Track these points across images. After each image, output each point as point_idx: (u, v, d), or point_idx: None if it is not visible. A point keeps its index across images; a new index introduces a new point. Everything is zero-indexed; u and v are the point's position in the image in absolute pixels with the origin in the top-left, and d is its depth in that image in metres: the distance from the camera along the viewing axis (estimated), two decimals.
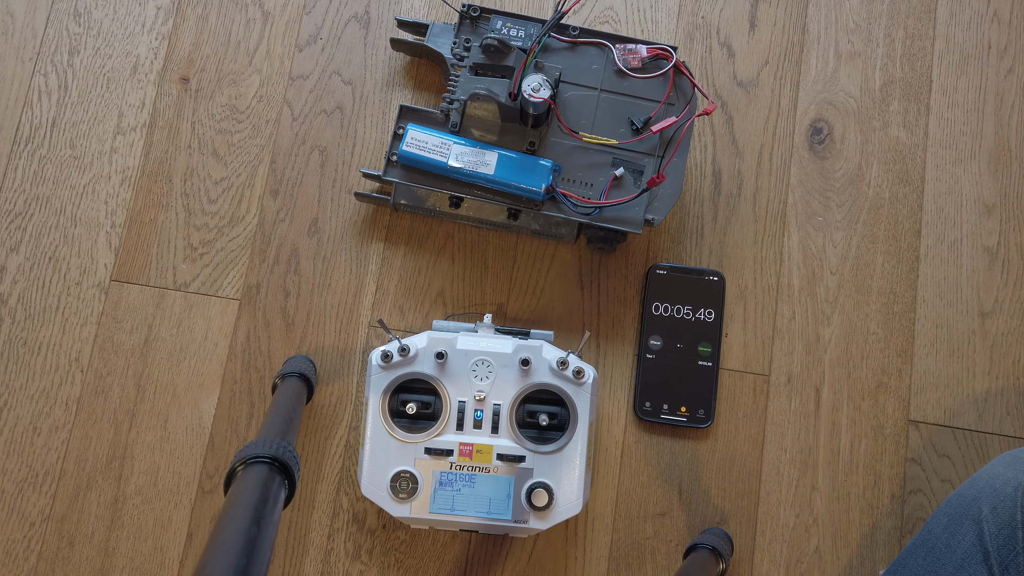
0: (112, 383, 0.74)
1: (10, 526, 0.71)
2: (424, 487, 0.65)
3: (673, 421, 0.74)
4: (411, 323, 0.76)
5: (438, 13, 0.81)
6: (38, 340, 0.74)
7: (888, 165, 0.80)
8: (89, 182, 0.77)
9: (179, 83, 0.79)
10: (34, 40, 0.79)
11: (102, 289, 0.75)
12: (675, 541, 0.73)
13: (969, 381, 0.76)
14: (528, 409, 0.67)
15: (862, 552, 0.73)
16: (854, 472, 0.74)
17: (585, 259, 0.77)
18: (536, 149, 0.71)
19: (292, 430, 0.59)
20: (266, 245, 0.76)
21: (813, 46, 0.82)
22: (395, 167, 0.72)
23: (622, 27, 0.82)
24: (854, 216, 0.79)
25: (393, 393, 0.66)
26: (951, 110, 0.81)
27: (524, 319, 0.76)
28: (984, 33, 0.83)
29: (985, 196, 0.80)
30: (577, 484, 0.66)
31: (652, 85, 0.72)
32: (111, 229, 0.76)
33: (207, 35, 0.80)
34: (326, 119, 0.79)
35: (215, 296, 0.75)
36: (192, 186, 0.77)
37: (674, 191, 0.71)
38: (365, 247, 0.77)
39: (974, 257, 0.78)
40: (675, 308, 0.75)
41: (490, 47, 0.68)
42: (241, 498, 0.46)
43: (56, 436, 0.73)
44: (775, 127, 0.80)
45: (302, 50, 0.80)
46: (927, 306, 0.77)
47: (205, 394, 0.74)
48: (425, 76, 0.80)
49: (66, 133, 0.78)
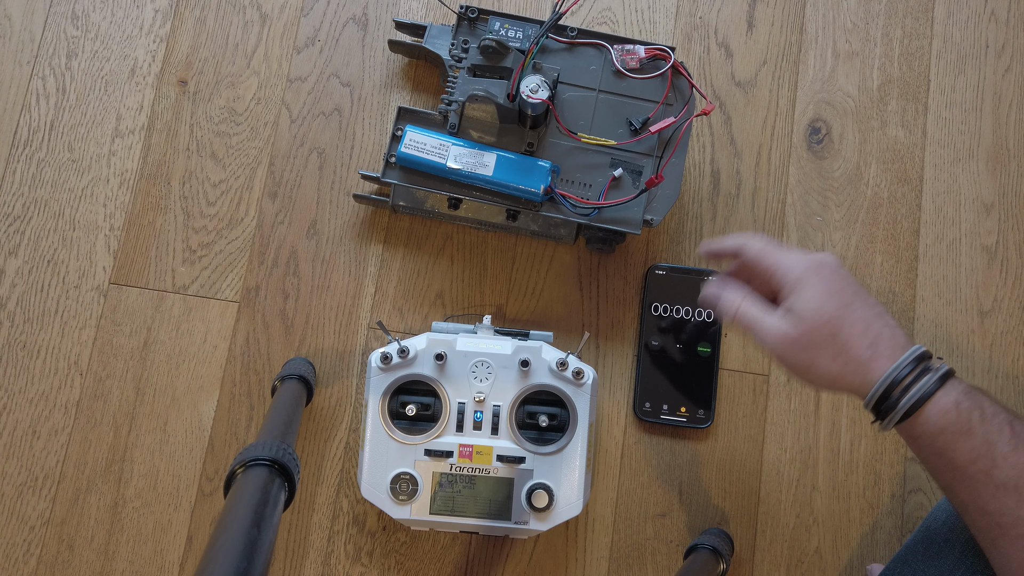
0: (111, 386, 0.74)
1: (10, 530, 0.71)
2: (424, 489, 0.65)
3: (673, 421, 0.74)
4: (410, 325, 0.76)
5: (436, 15, 0.81)
6: (37, 343, 0.74)
7: (886, 165, 0.80)
8: (87, 185, 0.77)
9: (177, 86, 0.79)
10: (32, 43, 0.79)
11: (101, 292, 0.75)
12: (675, 542, 0.73)
13: (968, 380, 0.76)
14: (528, 410, 0.67)
15: (863, 552, 0.73)
16: (854, 472, 0.74)
17: (584, 260, 0.77)
18: (535, 150, 0.71)
19: (292, 432, 0.59)
20: (265, 247, 0.76)
21: (811, 46, 0.82)
22: (394, 169, 0.72)
23: (620, 28, 0.82)
24: (853, 216, 0.79)
25: (393, 395, 0.66)
26: (949, 109, 0.81)
27: (523, 320, 0.76)
28: (982, 32, 0.83)
29: (983, 195, 0.80)
30: (577, 485, 0.66)
31: (650, 86, 0.72)
32: (110, 232, 0.76)
33: (205, 38, 0.80)
34: (324, 121, 0.79)
35: (214, 299, 0.75)
36: (191, 189, 0.77)
37: (673, 191, 0.71)
38: (364, 249, 0.77)
39: (973, 256, 0.78)
40: (674, 308, 0.75)
41: (488, 48, 0.68)
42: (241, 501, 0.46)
43: (55, 439, 0.73)
44: (773, 127, 0.80)
45: (300, 52, 0.80)
46: (926, 305, 0.77)
47: (204, 397, 0.74)
48: (423, 78, 0.80)
49: (64, 136, 0.78)
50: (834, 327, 0.50)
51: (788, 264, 0.53)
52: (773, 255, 0.54)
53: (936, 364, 0.49)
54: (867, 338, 0.50)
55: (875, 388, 0.49)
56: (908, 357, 0.49)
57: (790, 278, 0.53)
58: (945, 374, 0.48)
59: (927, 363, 0.49)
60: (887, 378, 0.49)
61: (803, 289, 0.52)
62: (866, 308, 0.51)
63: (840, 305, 0.51)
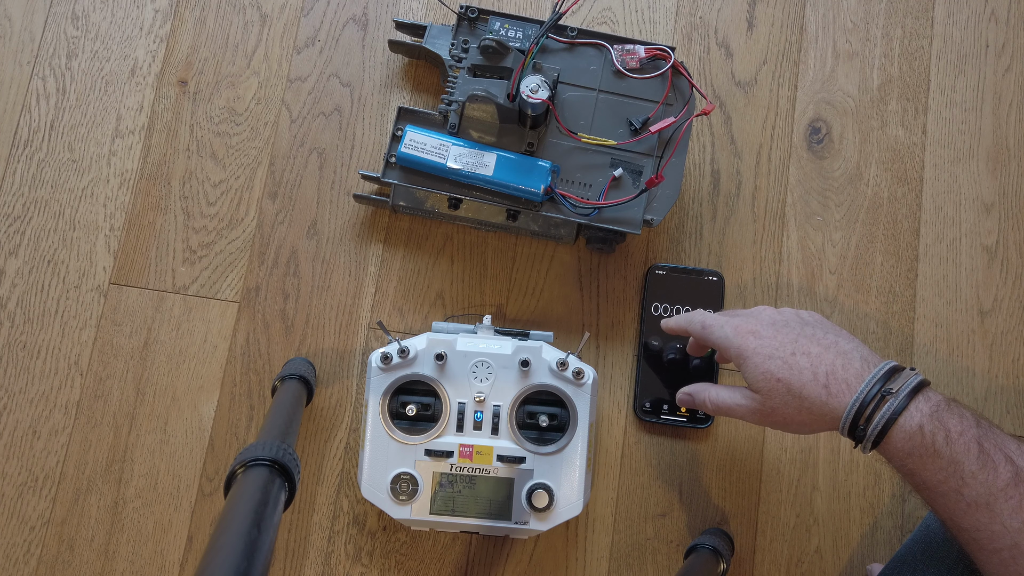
0: (111, 386, 0.74)
1: (10, 530, 0.71)
2: (424, 489, 0.65)
3: (673, 421, 0.74)
4: (410, 325, 0.76)
5: (436, 15, 0.81)
6: (37, 344, 0.74)
7: (886, 164, 0.80)
8: (87, 185, 0.77)
9: (177, 86, 0.79)
10: (32, 43, 0.79)
11: (101, 292, 0.75)
12: (675, 542, 0.73)
13: (968, 380, 0.76)
14: (528, 410, 0.67)
15: (863, 551, 0.73)
16: (854, 472, 0.74)
17: (584, 260, 0.77)
18: (535, 150, 0.71)
19: (292, 432, 0.59)
20: (265, 247, 0.76)
21: (811, 46, 0.82)
22: (394, 169, 0.72)
23: (620, 28, 0.82)
24: (853, 215, 0.79)
25: (393, 395, 0.66)
26: (949, 109, 0.81)
27: (523, 320, 0.76)
28: (982, 32, 0.83)
29: (984, 195, 0.80)
30: (577, 485, 0.66)
31: (650, 85, 0.72)
32: (110, 232, 0.76)
33: (205, 38, 0.80)
34: (324, 121, 0.79)
35: (214, 299, 0.75)
36: (191, 189, 0.77)
37: (673, 191, 0.71)
38: (364, 249, 0.77)
39: (973, 256, 0.78)
40: (675, 308, 0.75)
41: (488, 48, 0.68)
42: (241, 501, 0.46)
43: (56, 440, 0.73)
44: (773, 127, 0.80)
45: (300, 52, 0.80)
46: (926, 305, 0.77)
47: (205, 397, 0.74)
48: (423, 78, 0.80)
49: (64, 136, 0.78)
50: (784, 384, 0.52)
51: (724, 343, 0.56)
52: (711, 335, 0.58)
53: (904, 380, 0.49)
54: (819, 380, 0.51)
55: (842, 423, 0.50)
56: (866, 385, 0.49)
57: (732, 355, 0.56)
58: (912, 391, 0.48)
59: (890, 384, 0.49)
60: (849, 412, 0.49)
61: (745, 362, 0.54)
62: (810, 348, 0.52)
63: (781, 362, 0.52)
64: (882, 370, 0.50)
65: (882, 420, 0.48)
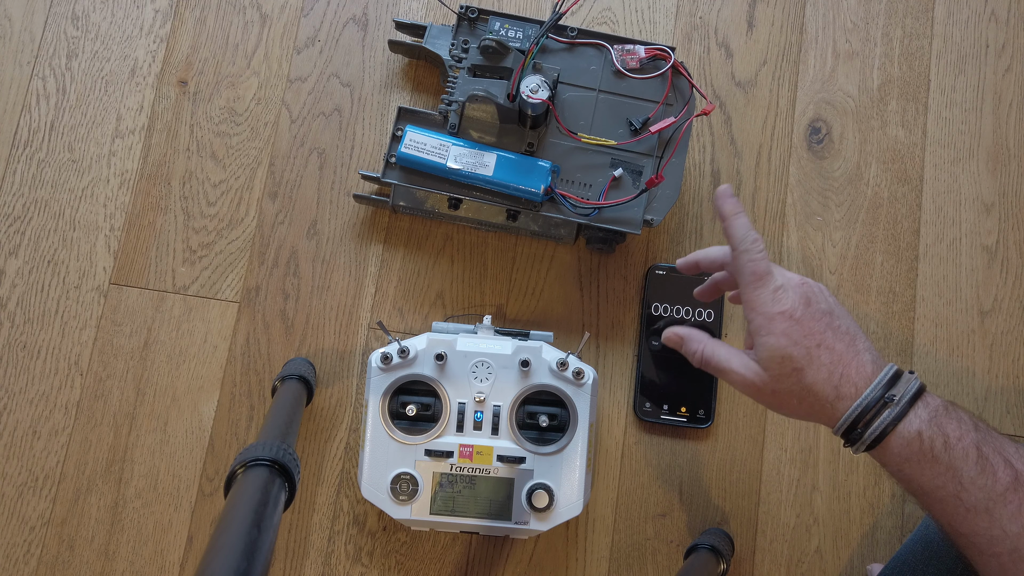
0: (112, 386, 0.74)
1: (10, 530, 0.71)
2: (424, 489, 0.65)
3: (673, 421, 0.74)
4: (410, 325, 0.76)
5: (436, 15, 0.81)
6: (37, 344, 0.74)
7: (887, 164, 0.80)
8: (88, 185, 0.77)
9: (177, 86, 0.79)
10: (32, 44, 0.79)
11: (101, 292, 0.75)
12: (676, 542, 0.73)
13: (969, 380, 0.76)
14: (528, 410, 0.67)
15: (863, 551, 0.73)
16: (854, 472, 0.74)
17: (584, 260, 0.77)
18: (535, 150, 0.71)
19: (292, 432, 0.59)
20: (265, 248, 0.76)
21: (811, 46, 0.82)
22: (394, 169, 0.72)
23: (620, 28, 0.82)
24: (853, 215, 0.79)
25: (393, 395, 0.66)
26: (949, 109, 0.81)
27: (523, 320, 0.76)
28: (982, 32, 0.83)
29: (984, 195, 0.80)
30: (577, 485, 0.66)
31: (650, 86, 0.72)
32: (110, 232, 0.76)
33: (205, 38, 0.80)
34: (324, 121, 0.79)
35: (214, 299, 0.75)
36: (191, 189, 0.77)
37: (673, 191, 0.71)
38: (364, 249, 0.77)
39: (973, 256, 0.78)
40: (675, 309, 0.75)
41: (488, 48, 0.68)
42: (241, 501, 0.46)
43: (56, 440, 0.73)
44: (773, 127, 0.80)
45: (300, 52, 0.80)
46: (926, 305, 0.77)
47: (205, 397, 0.74)
48: (423, 78, 0.80)
49: (64, 136, 0.78)
50: (799, 375, 0.49)
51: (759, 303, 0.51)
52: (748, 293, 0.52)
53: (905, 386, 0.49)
54: (832, 380, 0.49)
55: (839, 424, 0.49)
56: (871, 391, 0.48)
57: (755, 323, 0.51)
58: (912, 397, 0.48)
59: (893, 389, 0.48)
60: (849, 415, 0.49)
61: (768, 336, 0.50)
62: (835, 344, 0.50)
63: (804, 352, 0.50)
64: (887, 375, 0.49)
65: (880, 426, 0.48)
